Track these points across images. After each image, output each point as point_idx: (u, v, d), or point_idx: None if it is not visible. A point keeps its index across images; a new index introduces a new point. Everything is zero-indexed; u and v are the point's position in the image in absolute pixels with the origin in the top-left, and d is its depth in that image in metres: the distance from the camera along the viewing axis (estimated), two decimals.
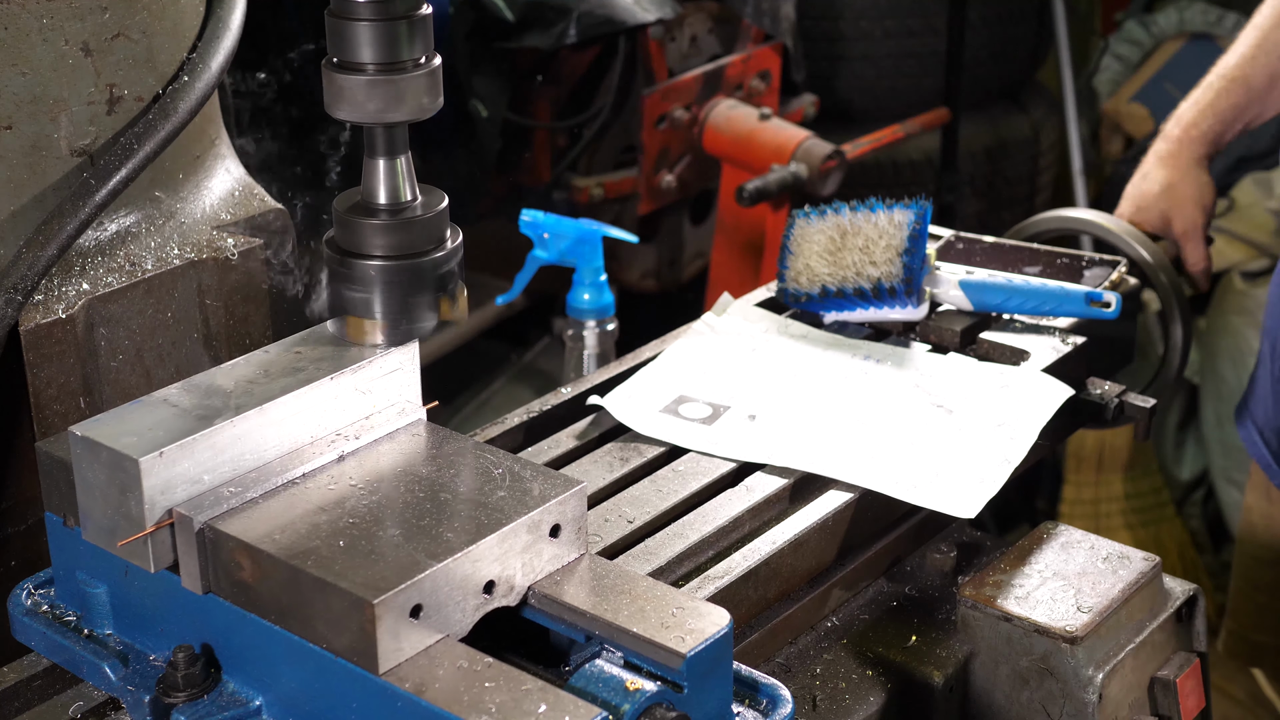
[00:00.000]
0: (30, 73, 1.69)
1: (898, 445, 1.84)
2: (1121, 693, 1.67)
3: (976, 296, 2.09)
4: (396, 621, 1.26)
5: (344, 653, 1.28)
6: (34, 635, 1.48)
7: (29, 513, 1.78)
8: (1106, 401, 2.02)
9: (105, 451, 1.35)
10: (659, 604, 1.34)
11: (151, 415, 1.40)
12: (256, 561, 1.32)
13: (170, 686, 1.36)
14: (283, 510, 1.37)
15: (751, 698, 1.37)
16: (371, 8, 1.41)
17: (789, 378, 2.00)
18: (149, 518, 1.35)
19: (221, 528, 1.34)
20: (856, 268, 2.07)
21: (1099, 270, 2.18)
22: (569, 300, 2.60)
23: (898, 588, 1.81)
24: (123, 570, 1.42)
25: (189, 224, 1.88)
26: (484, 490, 1.39)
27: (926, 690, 1.67)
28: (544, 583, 1.37)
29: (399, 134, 1.48)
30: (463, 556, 1.31)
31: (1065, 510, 4.52)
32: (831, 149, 3.63)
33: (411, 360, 1.52)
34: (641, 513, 1.70)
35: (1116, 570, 1.71)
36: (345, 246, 1.50)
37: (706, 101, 3.81)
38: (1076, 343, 2.06)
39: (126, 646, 1.44)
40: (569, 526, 1.39)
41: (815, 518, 1.72)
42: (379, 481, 1.41)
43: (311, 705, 1.32)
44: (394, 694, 1.25)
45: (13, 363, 1.70)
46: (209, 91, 1.82)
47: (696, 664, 1.29)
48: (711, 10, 3.88)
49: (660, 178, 3.79)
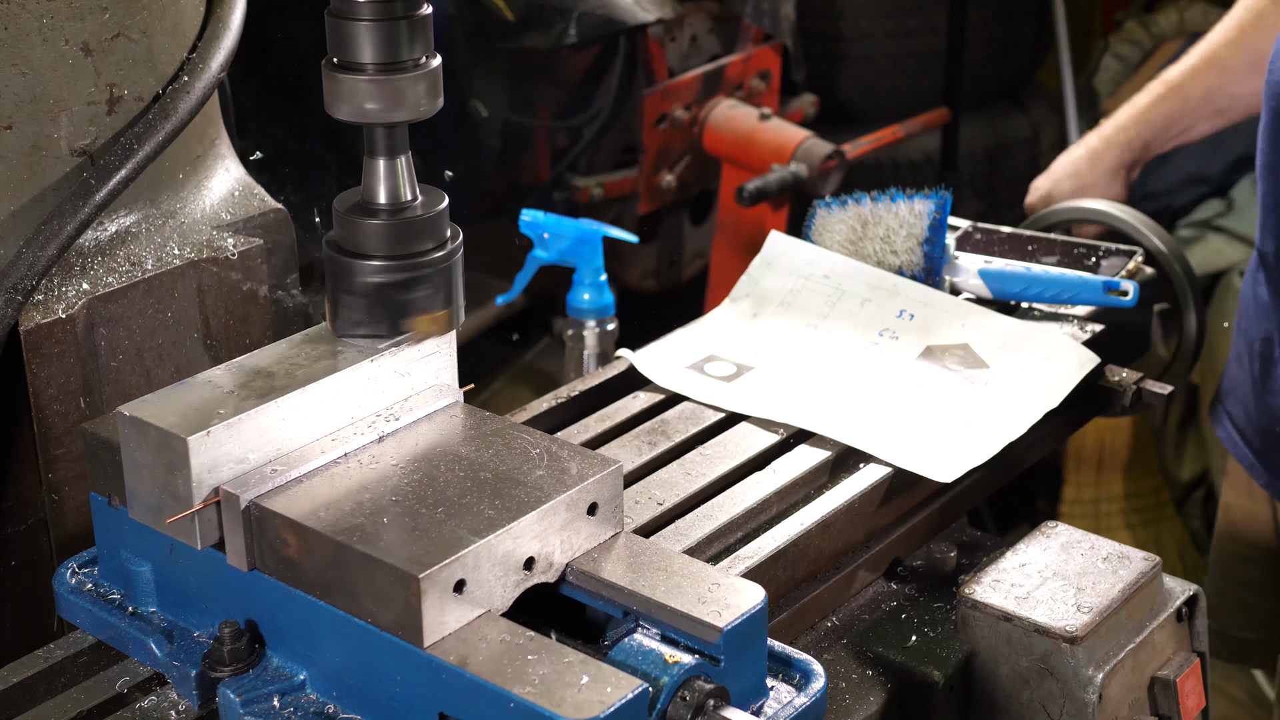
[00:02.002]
0: (30, 73, 1.69)
1: (898, 408, 1.89)
2: (1121, 693, 1.67)
3: (996, 285, 2.12)
4: (441, 596, 1.28)
5: (389, 627, 1.30)
6: (80, 613, 1.51)
7: (29, 513, 1.78)
8: (1125, 388, 2.05)
9: (153, 431, 1.38)
10: (695, 580, 1.37)
11: (197, 396, 1.42)
12: (302, 538, 1.35)
13: (216, 661, 1.39)
14: (326, 488, 1.39)
15: (785, 672, 1.40)
16: (371, 8, 1.41)
17: (817, 340, 2.04)
18: (196, 496, 1.37)
19: (267, 505, 1.37)
20: (878, 257, 2.12)
21: (1115, 260, 2.20)
22: (569, 300, 2.60)
23: (898, 588, 1.82)
24: (167, 548, 1.44)
25: (189, 224, 1.88)
26: (523, 469, 1.42)
27: (926, 690, 1.67)
28: (582, 559, 1.40)
29: (399, 134, 1.48)
30: (504, 533, 1.33)
31: (1065, 510, 4.52)
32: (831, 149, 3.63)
33: (449, 343, 1.55)
34: (671, 495, 1.72)
35: (1116, 570, 1.71)
36: (345, 246, 1.50)
37: (706, 101, 3.81)
38: (1095, 330, 2.09)
39: (171, 623, 1.47)
40: (606, 505, 1.42)
41: (842, 500, 1.75)
42: (420, 461, 1.44)
43: (356, 679, 1.35)
44: (439, 666, 1.27)
45: (13, 363, 1.70)
46: (209, 91, 1.82)
47: (733, 638, 1.32)
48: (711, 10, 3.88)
49: (660, 178, 3.79)
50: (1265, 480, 2.51)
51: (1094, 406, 2.07)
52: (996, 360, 1.98)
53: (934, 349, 2.01)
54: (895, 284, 2.09)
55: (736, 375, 1.96)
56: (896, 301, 2.07)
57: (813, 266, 2.13)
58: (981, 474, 1.86)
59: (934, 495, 1.86)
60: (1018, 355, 1.98)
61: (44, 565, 1.79)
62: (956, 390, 1.93)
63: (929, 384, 1.94)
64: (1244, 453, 2.52)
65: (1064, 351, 1.99)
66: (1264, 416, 2.45)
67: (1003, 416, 1.89)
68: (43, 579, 1.79)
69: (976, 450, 1.83)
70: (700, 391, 1.92)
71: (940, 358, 1.99)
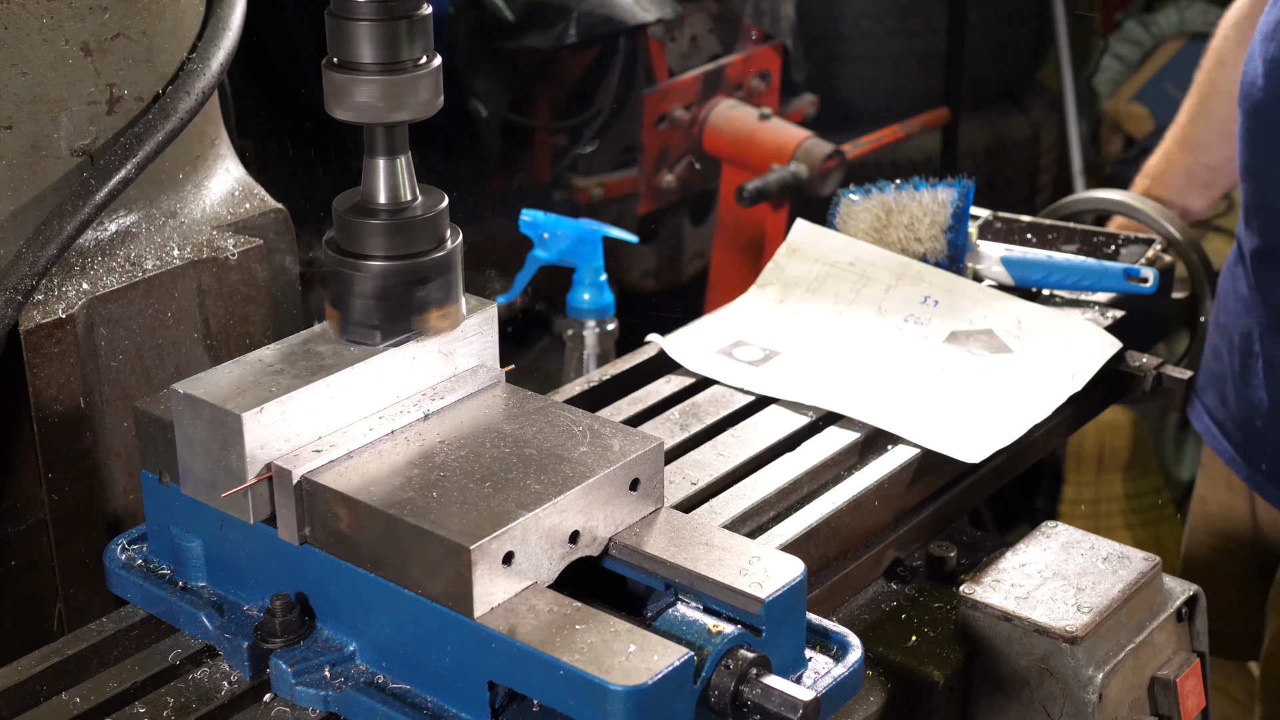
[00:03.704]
0: (30, 73, 1.69)
1: (925, 391, 1.93)
2: (1121, 693, 1.67)
3: (1018, 272, 2.16)
4: (491, 567, 1.31)
5: (440, 598, 1.33)
6: (131, 587, 1.54)
7: (29, 513, 1.78)
8: (1145, 373, 2.08)
9: (208, 408, 1.40)
10: (735, 553, 1.40)
11: (249, 374, 1.45)
12: (354, 512, 1.37)
13: (268, 633, 1.42)
14: (375, 464, 1.42)
15: (822, 644, 1.43)
16: (371, 7, 1.41)
17: (843, 325, 2.07)
18: (250, 471, 1.40)
19: (319, 480, 1.39)
20: (902, 244, 2.16)
21: (1134, 248, 2.25)
22: (569, 300, 2.61)
23: (898, 588, 1.82)
24: (218, 524, 1.47)
25: (189, 224, 1.88)
26: (566, 446, 1.44)
27: (926, 690, 1.67)
28: (624, 534, 1.43)
29: (399, 134, 1.48)
30: (551, 507, 1.36)
31: (1065, 510, 4.52)
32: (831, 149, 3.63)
33: (491, 324, 1.58)
34: (704, 475, 1.75)
35: (1116, 570, 1.71)
36: (345, 246, 1.50)
37: (706, 101, 3.81)
38: (1116, 316, 2.13)
39: (220, 598, 1.50)
40: (647, 481, 1.44)
41: (873, 480, 1.78)
42: (465, 438, 1.46)
43: (405, 649, 1.37)
44: (489, 636, 1.30)
45: (13, 363, 1.70)
46: (209, 91, 1.82)
47: (774, 608, 1.34)
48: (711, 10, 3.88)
49: (660, 178, 3.79)
50: (1246, 474, 2.52)
51: (1115, 391, 2.11)
52: (1020, 344, 2.02)
53: (959, 333, 2.05)
54: (920, 270, 2.12)
55: (765, 360, 2.00)
56: (921, 288, 2.10)
57: (838, 254, 2.16)
58: (1006, 456, 1.90)
59: (961, 476, 1.90)
60: (1041, 340, 2.02)
61: (44, 565, 1.79)
62: (982, 373, 1.97)
63: (955, 367, 1.98)
64: (1223, 446, 2.54)
65: (1087, 336, 2.03)
66: (1244, 410, 2.46)
67: (1028, 399, 1.92)
68: (43, 579, 1.79)
69: (1003, 431, 1.87)
70: (730, 375, 1.95)
71: (965, 342, 2.03)
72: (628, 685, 1.23)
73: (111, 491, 1.80)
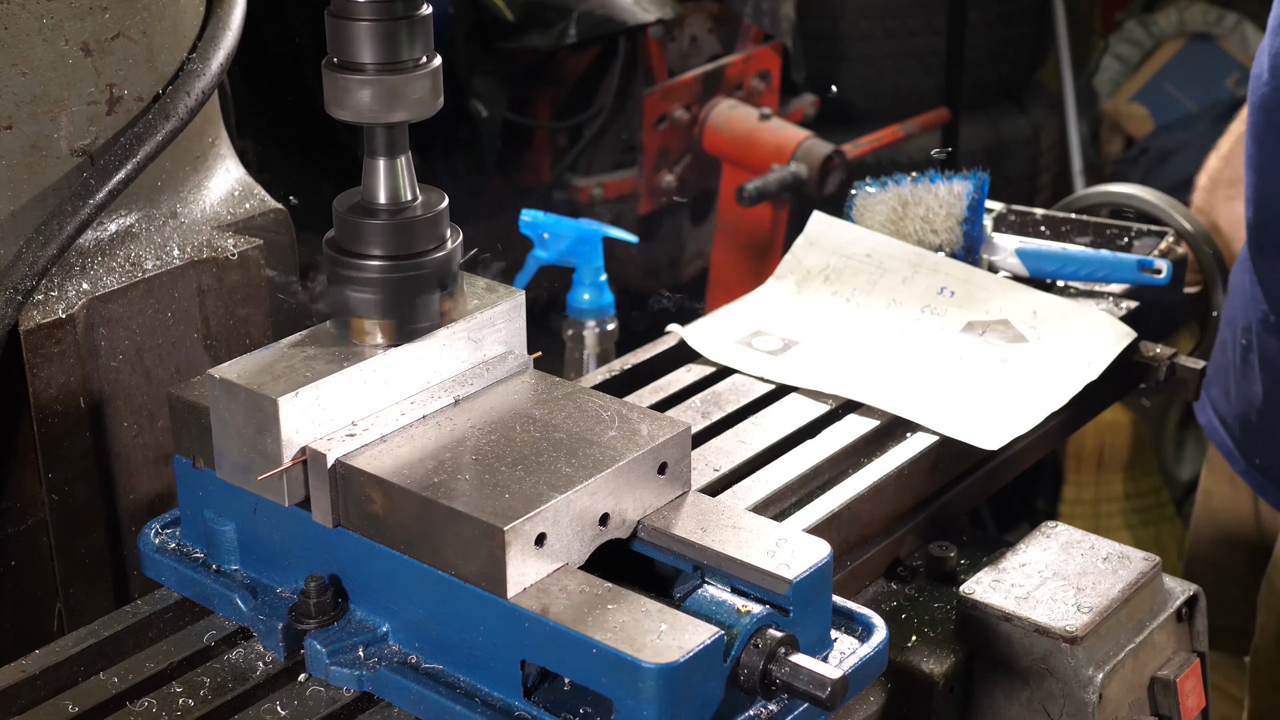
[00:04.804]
0: (30, 73, 1.69)
1: (942, 380, 1.95)
2: (1121, 693, 1.67)
3: (1033, 263, 2.17)
4: (524, 548, 1.33)
5: (473, 579, 1.34)
6: (165, 570, 1.56)
7: (29, 513, 1.78)
8: (1159, 363, 2.09)
9: (244, 393, 1.42)
10: (762, 535, 1.42)
11: (283, 360, 1.47)
12: (388, 494, 1.39)
13: (302, 614, 1.43)
14: (407, 448, 1.44)
15: (847, 625, 1.45)
16: (371, 8, 1.41)
17: (861, 316, 2.09)
18: (285, 454, 1.41)
19: (352, 463, 1.41)
20: (918, 236, 2.18)
21: (1147, 240, 2.27)
22: (569, 300, 2.61)
23: (898, 588, 1.82)
24: (251, 507, 1.49)
25: (189, 224, 1.88)
26: (595, 430, 1.46)
27: (926, 690, 1.67)
28: (653, 517, 1.45)
29: (399, 134, 1.48)
30: (582, 489, 1.38)
31: (1065, 510, 4.52)
32: (831, 149, 3.63)
33: (519, 312, 1.59)
34: (726, 461, 1.77)
35: (1116, 570, 1.71)
36: (345, 246, 1.50)
37: (706, 101, 3.81)
38: (1130, 307, 2.14)
39: (253, 580, 1.52)
40: (675, 465, 1.46)
41: (892, 466, 1.80)
42: (496, 423, 1.49)
43: (438, 629, 1.39)
44: (522, 615, 1.32)
45: (13, 363, 1.70)
46: (209, 91, 1.82)
47: (802, 589, 1.36)
48: (711, 10, 3.88)
49: (660, 178, 3.79)
50: (1242, 468, 2.54)
51: (1130, 380, 2.13)
52: (1036, 335, 2.03)
53: (975, 323, 2.06)
54: (936, 262, 2.14)
55: (784, 349, 2.02)
56: (938, 279, 2.12)
57: (855, 245, 2.18)
58: (1026, 443, 1.92)
59: (980, 463, 1.92)
60: (1057, 330, 2.04)
61: (44, 565, 1.79)
62: (999, 362, 1.99)
63: (972, 356, 2.00)
64: (1223, 439, 2.55)
65: (1102, 326, 2.04)
66: (1241, 403, 2.48)
67: (1045, 387, 1.94)
68: (43, 579, 1.79)
69: (1021, 419, 1.88)
70: (749, 365, 1.98)
71: (982, 332, 2.04)
72: (660, 663, 1.25)
73: (111, 491, 1.80)
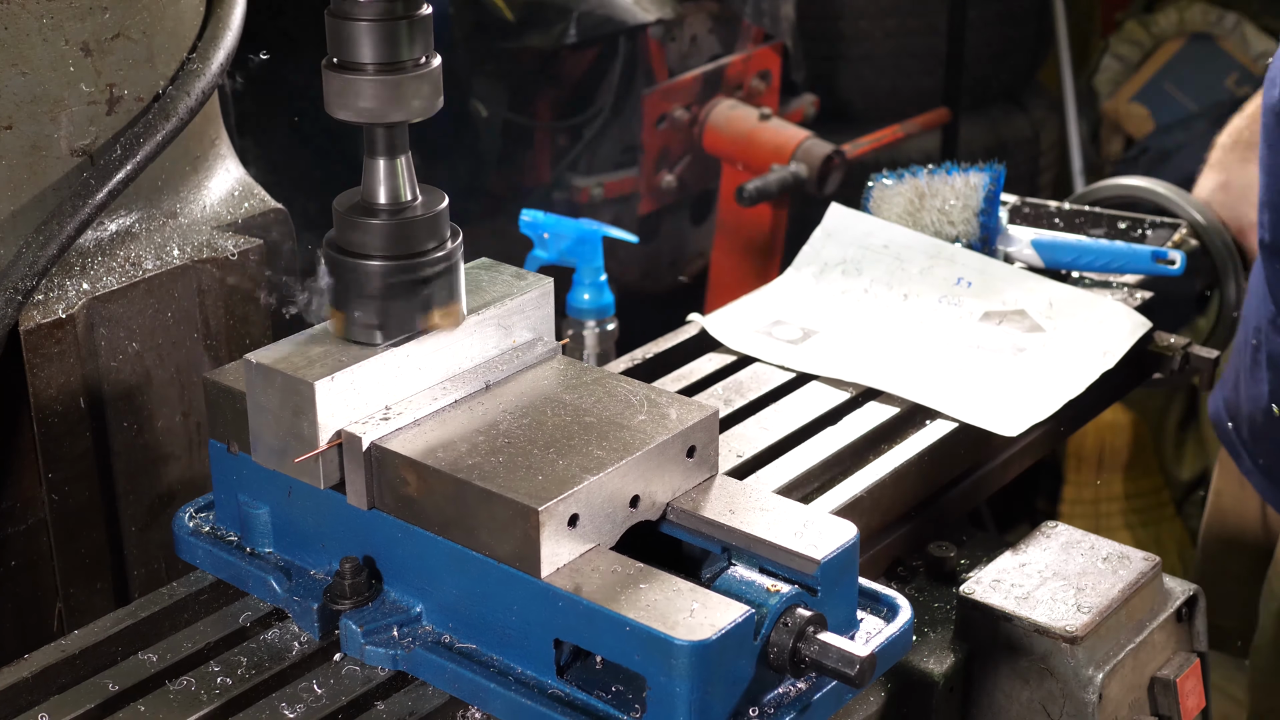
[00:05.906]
0: (30, 73, 1.69)
1: (961, 368, 1.97)
2: (1121, 693, 1.67)
3: (1048, 254, 2.20)
4: (557, 529, 1.35)
5: (507, 559, 1.37)
6: (199, 553, 1.58)
7: (29, 513, 1.78)
8: (1174, 352, 2.12)
9: (280, 377, 1.44)
10: (789, 517, 1.44)
11: (318, 345, 1.49)
12: (422, 476, 1.41)
13: (337, 595, 1.45)
14: (440, 431, 1.46)
15: (873, 606, 1.47)
16: (371, 8, 1.41)
17: (879, 305, 2.12)
18: (321, 438, 1.44)
19: (387, 446, 1.43)
20: (935, 227, 2.20)
21: (1161, 232, 2.29)
22: (569, 300, 2.61)
23: (898, 588, 1.82)
24: (286, 491, 1.51)
25: (189, 224, 1.88)
26: (625, 414, 1.49)
27: (926, 690, 1.67)
28: (682, 499, 1.47)
29: (399, 134, 1.48)
30: (614, 471, 1.40)
31: (1065, 510, 4.52)
32: (831, 149, 3.63)
33: (547, 299, 1.62)
34: (748, 447, 1.79)
35: (1116, 570, 1.71)
36: (345, 246, 1.50)
37: (706, 101, 3.81)
38: (1144, 297, 2.17)
39: (288, 562, 1.54)
40: (703, 448, 1.49)
41: (913, 452, 1.82)
42: (527, 407, 1.51)
43: (472, 609, 1.41)
44: (556, 594, 1.34)
45: (13, 363, 1.70)
46: (209, 91, 1.82)
47: (829, 569, 1.39)
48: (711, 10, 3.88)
49: (660, 178, 3.79)
50: (1247, 468, 2.54)
51: (1144, 370, 2.15)
52: (1052, 324, 2.05)
53: (993, 313, 2.08)
54: (953, 253, 2.15)
55: (804, 338, 2.04)
56: (955, 269, 2.14)
57: (872, 237, 2.20)
58: (1044, 429, 1.95)
59: (999, 449, 1.94)
60: (1073, 319, 2.06)
61: (44, 565, 1.79)
62: (1016, 351, 2.01)
63: (990, 345, 2.02)
64: (1230, 438, 2.56)
65: (1117, 316, 2.07)
66: (1248, 403, 2.49)
67: (1062, 376, 1.96)
68: (43, 579, 1.79)
69: (1039, 406, 1.91)
70: (770, 353, 2.00)
71: (999, 321, 2.06)
72: (693, 640, 1.27)
73: (112, 491, 1.80)
